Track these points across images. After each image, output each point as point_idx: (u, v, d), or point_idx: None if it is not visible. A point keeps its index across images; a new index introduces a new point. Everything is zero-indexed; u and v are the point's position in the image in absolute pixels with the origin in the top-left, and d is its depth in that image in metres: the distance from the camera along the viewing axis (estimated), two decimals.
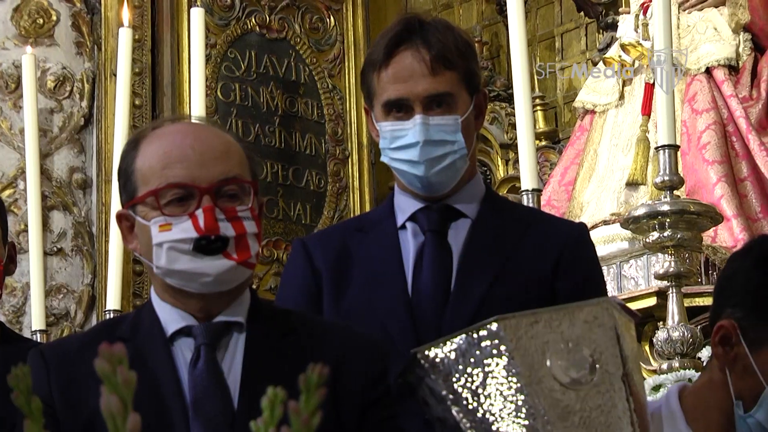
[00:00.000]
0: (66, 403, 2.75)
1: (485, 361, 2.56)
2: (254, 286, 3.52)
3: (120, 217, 2.92)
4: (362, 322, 3.13)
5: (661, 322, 4.95)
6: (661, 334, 4.71)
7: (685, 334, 4.51)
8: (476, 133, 3.46)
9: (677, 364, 4.61)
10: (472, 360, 2.57)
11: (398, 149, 3.32)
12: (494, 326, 2.56)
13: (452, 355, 2.60)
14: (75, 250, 6.84)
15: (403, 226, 3.41)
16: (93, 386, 2.58)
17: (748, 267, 2.93)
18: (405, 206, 3.42)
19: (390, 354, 2.98)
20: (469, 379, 2.57)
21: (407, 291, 3.31)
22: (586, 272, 3.37)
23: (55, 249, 6.75)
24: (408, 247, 3.38)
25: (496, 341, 2.55)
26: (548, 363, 2.54)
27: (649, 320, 5.35)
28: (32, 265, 6.01)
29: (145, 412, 1.49)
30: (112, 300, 5.87)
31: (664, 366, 4.71)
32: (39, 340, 5.52)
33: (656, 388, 4.53)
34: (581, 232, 3.54)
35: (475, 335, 2.58)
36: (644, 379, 4.80)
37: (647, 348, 5.31)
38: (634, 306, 4.82)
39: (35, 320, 5.90)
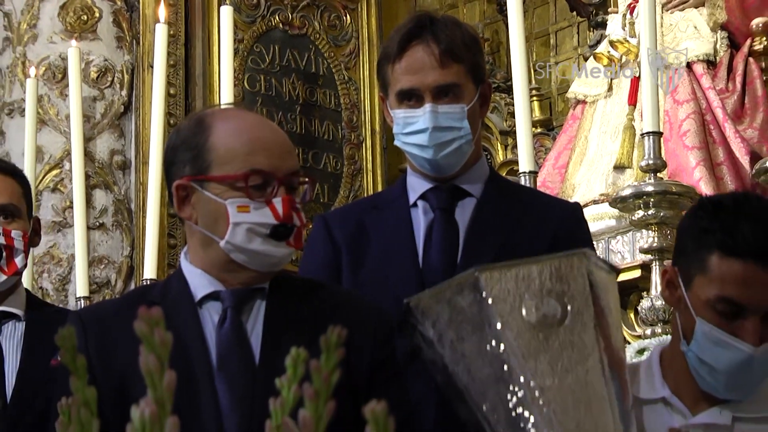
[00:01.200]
0: (101, 362, 2.73)
1: (467, 307, 2.55)
2: None
3: (179, 187, 2.86)
4: (377, 292, 3.12)
5: (645, 292, 4.97)
6: (645, 303, 4.74)
7: None
8: (481, 120, 3.46)
9: (660, 330, 4.64)
10: (455, 306, 2.57)
11: (410, 134, 3.33)
12: (475, 275, 2.55)
13: (439, 303, 2.60)
14: (115, 225, 6.82)
15: (415, 204, 3.42)
16: (126, 347, 2.58)
17: (684, 216, 2.97)
18: (416, 186, 3.43)
19: (394, 321, 2.99)
20: (453, 323, 2.57)
21: (418, 264, 3.32)
22: (581, 246, 3.35)
23: (97, 224, 6.73)
24: (419, 224, 3.39)
25: (477, 289, 2.54)
26: (523, 308, 2.53)
27: (634, 290, 5.37)
28: (77, 238, 5.99)
29: (173, 369, 1.48)
30: (149, 270, 5.84)
31: (648, 332, 4.74)
32: (83, 306, 5.52)
33: (641, 351, 4.54)
34: (576, 210, 3.55)
35: (458, 284, 2.59)
36: (628, 342, 4.86)
37: (632, 315, 5.33)
38: (620, 277, 4.81)
39: (79, 288, 5.88)
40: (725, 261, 2.67)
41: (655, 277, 4.67)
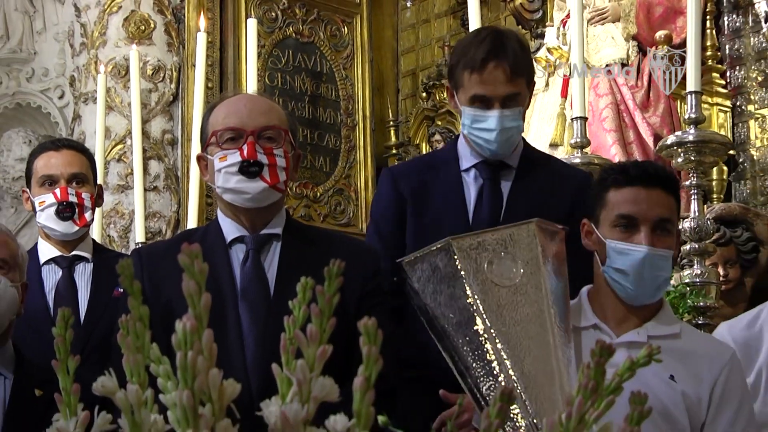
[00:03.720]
0: (153, 289, 2.72)
1: (442, 267, 2.58)
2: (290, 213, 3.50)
3: (199, 159, 2.99)
4: (434, 237, 3.09)
5: None
6: None
7: None
8: (526, 111, 3.44)
9: None
10: (434, 265, 2.59)
11: (479, 129, 3.29)
12: (449, 242, 2.58)
13: (422, 263, 2.62)
14: (165, 187, 6.84)
15: (467, 170, 3.39)
16: (172, 277, 2.57)
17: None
18: (468, 156, 3.40)
19: (380, 257, 3.05)
20: (432, 279, 2.59)
21: (469, 220, 3.29)
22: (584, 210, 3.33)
23: (151, 187, 6.74)
24: (469, 187, 3.37)
25: (449, 252, 2.57)
26: (486, 268, 2.55)
27: None
28: (136, 198, 6.03)
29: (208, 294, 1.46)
30: (191, 222, 5.87)
31: None
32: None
33: None
34: (586, 179, 3.49)
35: (435, 248, 2.60)
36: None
37: None
38: None
39: (138, 236, 5.91)
40: (619, 191, 2.75)
41: None
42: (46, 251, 3.88)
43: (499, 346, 2.46)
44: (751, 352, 2.95)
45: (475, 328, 2.49)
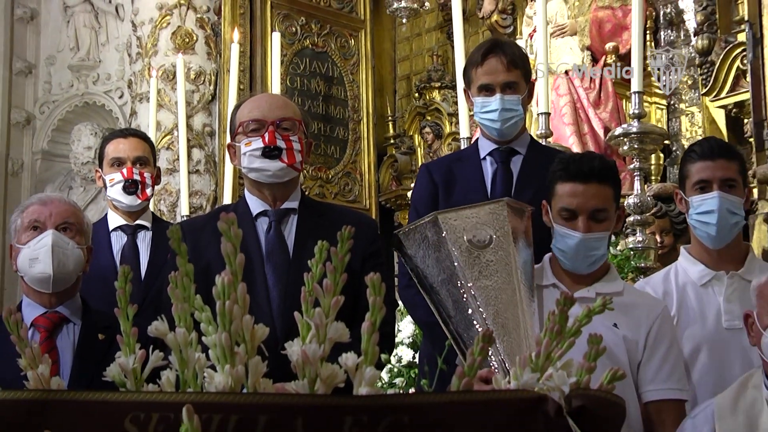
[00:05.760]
0: (194, 254, 2.70)
1: (430, 236, 2.57)
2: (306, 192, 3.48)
3: (228, 147, 2.97)
4: None
5: None
6: None
7: None
8: (528, 105, 3.41)
9: None
10: (423, 236, 2.59)
11: (486, 112, 3.29)
12: (436, 216, 2.59)
13: (414, 233, 2.61)
14: (205, 170, 6.78)
15: (484, 158, 3.36)
16: (210, 243, 2.56)
17: None
18: (485, 146, 3.38)
19: (378, 227, 3.05)
20: (422, 246, 2.58)
21: (488, 196, 3.25)
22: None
23: (194, 170, 6.69)
24: (487, 170, 3.35)
25: (436, 224, 2.57)
26: (465, 236, 2.54)
27: None
28: (181, 179, 5.98)
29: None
30: (227, 199, 5.86)
31: None
32: (184, 220, 5.51)
33: None
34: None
35: (425, 221, 2.61)
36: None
37: None
38: None
39: (183, 210, 5.86)
40: (562, 185, 2.75)
41: None
42: (114, 220, 3.88)
43: (475, 299, 2.45)
44: (668, 299, 2.96)
45: (457, 285, 2.49)
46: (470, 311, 2.45)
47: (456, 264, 2.51)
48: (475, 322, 2.43)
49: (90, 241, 2.94)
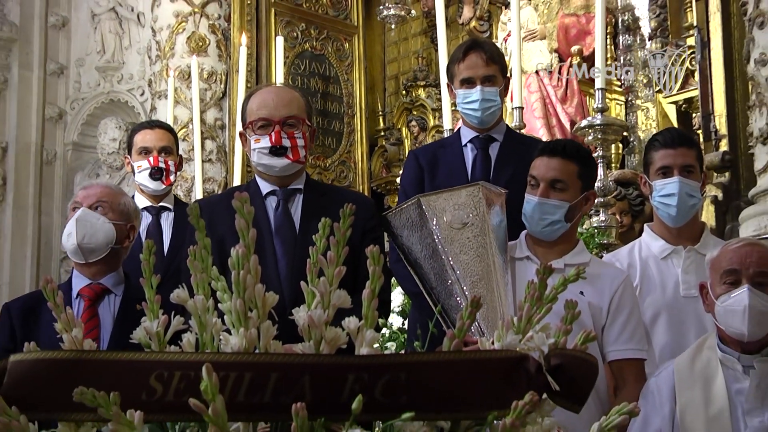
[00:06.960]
0: (210, 229, 2.67)
1: (414, 217, 2.55)
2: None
3: (240, 135, 2.96)
4: None
5: None
6: None
7: None
8: (504, 97, 3.38)
9: None
10: (408, 216, 2.57)
11: (467, 103, 3.25)
12: (418, 199, 2.58)
13: (400, 214, 2.60)
14: (217, 159, 6.76)
15: (465, 145, 3.33)
16: (224, 220, 2.53)
17: None
18: (466, 134, 3.35)
19: (374, 205, 3.00)
20: (407, 225, 2.57)
21: (468, 179, 3.21)
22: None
23: (208, 158, 6.67)
24: (468, 156, 3.31)
25: (419, 206, 2.55)
26: (445, 217, 2.53)
27: None
28: (196, 167, 5.98)
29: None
30: (237, 183, 5.84)
31: None
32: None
33: None
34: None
35: (409, 204, 2.59)
36: None
37: None
38: None
39: (198, 194, 5.89)
40: (536, 159, 2.75)
41: None
42: (141, 202, 3.86)
43: (454, 271, 2.44)
44: (632, 271, 2.94)
45: (438, 259, 2.47)
46: (450, 282, 2.44)
47: (437, 241, 2.49)
48: (454, 293, 2.42)
49: (133, 221, 2.89)
